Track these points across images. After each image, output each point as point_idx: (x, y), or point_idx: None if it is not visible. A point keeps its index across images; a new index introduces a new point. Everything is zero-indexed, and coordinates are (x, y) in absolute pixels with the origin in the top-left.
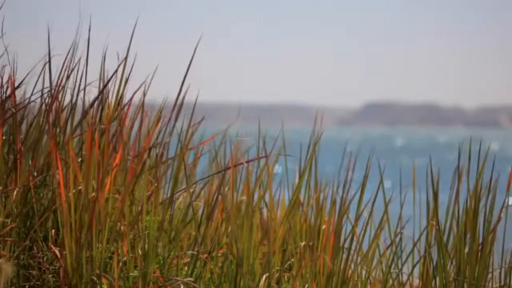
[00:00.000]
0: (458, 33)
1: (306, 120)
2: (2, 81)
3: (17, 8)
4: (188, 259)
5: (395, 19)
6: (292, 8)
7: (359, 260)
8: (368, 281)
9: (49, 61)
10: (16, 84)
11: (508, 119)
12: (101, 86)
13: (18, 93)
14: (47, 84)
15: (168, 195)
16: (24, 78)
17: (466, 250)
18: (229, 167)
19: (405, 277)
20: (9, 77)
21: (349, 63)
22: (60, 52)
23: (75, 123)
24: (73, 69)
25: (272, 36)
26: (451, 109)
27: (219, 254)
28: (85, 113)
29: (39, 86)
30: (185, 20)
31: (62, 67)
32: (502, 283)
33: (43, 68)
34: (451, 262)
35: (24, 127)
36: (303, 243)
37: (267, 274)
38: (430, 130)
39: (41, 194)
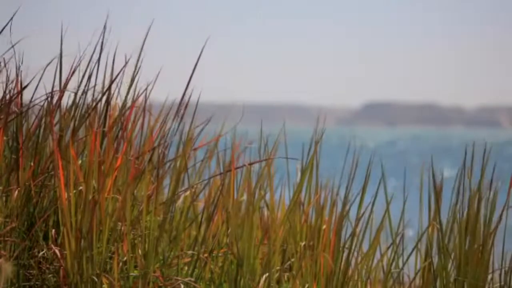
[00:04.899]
0: (458, 33)
1: (306, 120)
2: (7, 82)
3: (23, 8)
4: (189, 259)
5: (395, 19)
6: (292, 8)
7: (359, 259)
8: (368, 281)
9: (61, 63)
10: (23, 85)
11: (508, 119)
12: (105, 88)
13: (25, 94)
14: (54, 84)
15: (169, 195)
16: (32, 79)
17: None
18: (230, 170)
19: (405, 277)
20: (16, 77)
21: (349, 63)
22: (65, 54)
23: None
24: (78, 70)
25: (272, 36)
26: (451, 109)
27: (219, 254)
28: (87, 114)
29: (48, 87)
30: (185, 20)
31: (72, 67)
32: (502, 284)
33: (44, 69)
34: (452, 262)
35: (26, 126)
36: (303, 243)
37: (267, 274)
38: (430, 130)
39: (42, 194)
